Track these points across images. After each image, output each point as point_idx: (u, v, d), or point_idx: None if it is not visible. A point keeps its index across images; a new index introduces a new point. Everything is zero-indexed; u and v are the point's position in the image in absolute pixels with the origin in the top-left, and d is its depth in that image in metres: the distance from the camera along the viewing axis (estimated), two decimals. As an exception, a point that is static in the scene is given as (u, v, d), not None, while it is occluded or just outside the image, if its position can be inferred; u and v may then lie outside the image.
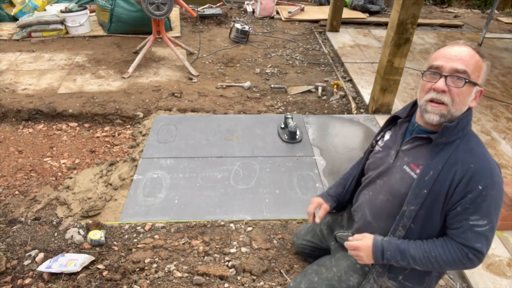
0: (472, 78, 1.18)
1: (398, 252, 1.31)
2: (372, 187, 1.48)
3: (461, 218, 1.23)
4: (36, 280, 1.84)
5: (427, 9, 7.01)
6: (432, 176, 1.23)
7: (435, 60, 1.23)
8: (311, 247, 1.90)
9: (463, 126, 1.24)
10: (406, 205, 1.29)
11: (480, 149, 1.26)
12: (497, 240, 2.15)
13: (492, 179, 1.20)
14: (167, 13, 3.81)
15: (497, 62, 4.61)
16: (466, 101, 1.21)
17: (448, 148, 1.24)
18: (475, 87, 1.20)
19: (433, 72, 1.22)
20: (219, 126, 3.19)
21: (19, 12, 5.12)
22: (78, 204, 2.46)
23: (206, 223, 2.23)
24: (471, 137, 1.27)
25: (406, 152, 1.35)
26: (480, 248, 1.22)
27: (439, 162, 1.23)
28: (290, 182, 2.61)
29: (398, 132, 1.42)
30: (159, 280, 1.85)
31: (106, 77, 3.95)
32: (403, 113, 1.43)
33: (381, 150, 1.48)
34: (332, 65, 4.49)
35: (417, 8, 2.80)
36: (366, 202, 1.49)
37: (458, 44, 1.23)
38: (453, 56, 1.19)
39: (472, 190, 1.19)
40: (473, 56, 1.19)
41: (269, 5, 5.95)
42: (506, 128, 3.26)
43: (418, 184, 1.26)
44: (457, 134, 1.24)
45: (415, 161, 1.31)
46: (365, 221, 1.49)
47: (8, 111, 3.32)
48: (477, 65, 1.19)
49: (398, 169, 1.36)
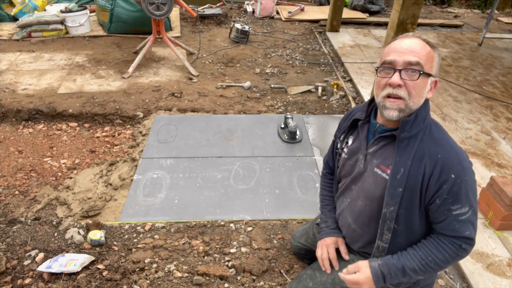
0: (426, 69, 1.18)
1: (397, 271, 1.29)
2: (349, 194, 1.46)
3: (443, 210, 1.22)
4: (36, 280, 1.84)
5: (427, 9, 7.01)
6: (403, 174, 1.22)
7: (387, 55, 1.22)
8: (305, 250, 1.90)
9: (423, 118, 1.23)
10: (385, 207, 1.28)
11: (444, 137, 1.25)
12: (497, 240, 2.15)
13: (462, 165, 1.19)
14: (167, 13, 3.81)
15: (497, 62, 4.61)
16: (423, 93, 1.21)
17: (413, 142, 1.23)
18: (429, 78, 1.20)
19: (386, 67, 1.21)
20: (219, 126, 3.19)
21: (19, 12, 5.12)
22: (78, 204, 2.46)
23: (206, 223, 2.23)
24: (432, 127, 1.26)
25: (373, 154, 1.33)
26: (470, 235, 1.22)
27: (407, 158, 1.22)
28: (290, 182, 2.61)
29: (361, 135, 1.39)
30: (159, 280, 1.85)
31: (106, 77, 3.95)
32: (361, 114, 1.40)
33: (347, 158, 1.45)
34: (332, 65, 4.49)
35: (417, 8, 2.81)
36: (346, 209, 1.48)
37: (408, 36, 1.22)
38: (404, 49, 1.18)
39: (446, 181, 1.19)
40: (424, 47, 1.19)
41: (269, 5, 5.95)
42: (506, 128, 3.26)
43: (392, 183, 1.24)
44: (418, 127, 1.23)
45: (384, 161, 1.29)
46: (349, 228, 1.48)
47: (8, 111, 3.32)
48: (429, 55, 1.19)
49: (370, 172, 1.34)
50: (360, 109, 1.43)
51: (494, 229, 2.20)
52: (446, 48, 5.01)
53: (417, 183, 1.22)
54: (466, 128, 3.22)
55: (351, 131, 1.46)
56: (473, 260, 2.03)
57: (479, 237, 2.17)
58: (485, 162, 2.80)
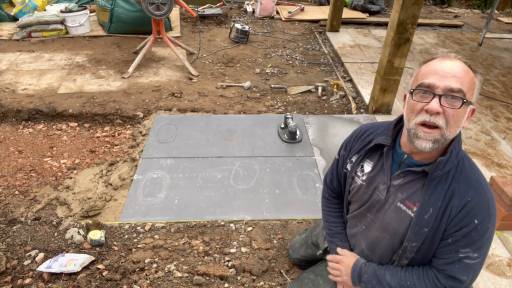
0: (468, 97, 1.05)
1: (374, 277, 1.28)
2: (364, 221, 1.38)
3: (450, 250, 1.16)
4: (36, 280, 1.84)
5: (427, 9, 7.02)
6: (432, 214, 1.15)
7: (425, 77, 1.09)
8: (306, 261, 1.87)
9: (456, 153, 1.14)
10: (407, 241, 1.21)
11: (475, 176, 1.16)
12: (497, 240, 2.15)
13: (489, 212, 1.12)
14: (167, 13, 3.81)
15: (497, 62, 4.61)
16: (461, 122, 1.09)
17: (444, 181, 1.14)
18: (469, 106, 1.08)
19: (424, 90, 1.07)
20: (219, 126, 3.19)
21: (19, 12, 5.12)
22: (78, 204, 2.46)
23: (206, 223, 2.23)
24: (465, 162, 1.17)
25: (398, 188, 1.22)
26: (464, 281, 1.16)
27: (437, 198, 1.14)
28: (290, 182, 2.61)
29: (385, 165, 1.26)
30: (159, 280, 1.85)
31: (106, 77, 3.95)
32: (386, 139, 1.25)
33: (364, 185, 1.32)
34: (332, 65, 4.49)
35: (417, 8, 2.80)
36: (361, 235, 1.41)
37: (450, 58, 1.09)
38: (446, 73, 1.05)
39: (468, 225, 1.12)
40: (467, 72, 1.07)
41: (269, 5, 5.95)
42: (506, 128, 3.26)
43: (418, 223, 1.17)
44: (452, 163, 1.13)
45: (410, 198, 1.19)
46: (362, 253, 1.43)
47: (8, 111, 3.32)
48: (472, 82, 1.07)
49: (392, 206, 1.24)
50: (382, 132, 1.29)
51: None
52: (446, 48, 5.01)
53: (442, 224, 1.16)
54: (466, 128, 3.22)
55: (369, 155, 1.33)
56: (473, 260, 2.03)
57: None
58: (485, 162, 2.80)
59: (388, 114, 3.37)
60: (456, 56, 1.11)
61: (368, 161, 1.32)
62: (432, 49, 4.93)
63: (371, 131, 1.35)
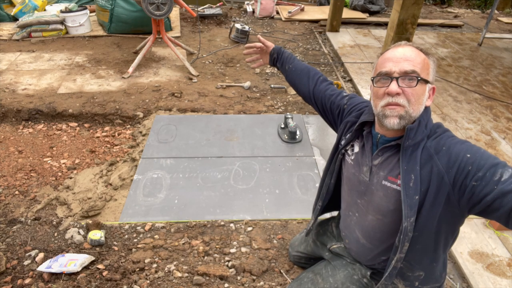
0: (423, 76, 1.16)
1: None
2: (356, 208, 1.41)
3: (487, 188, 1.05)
4: (36, 280, 1.84)
5: (427, 9, 7.02)
6: (415, 180, 1.16)
7: (382, 66, 1.20)
8: (305, 258, 1.88)
9: (425, 124, 1.20)
10: (405, 219, 1.19)
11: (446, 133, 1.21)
12: (497, 240, 2.15)
13: (468, 144, 1.15)
14: (167, 13, 3.81)
15: (497, 62, 4.61)
16: (422, 100, 1.18)
17: (418, 149, 1.19)
18: (427, 85, 1.18)
19: (383, 77, 1.19)
20: (219, 126, 3.19)
21: (19, 12, 5.12)
22: (78, 204, 2.46)
23: (206, 223, 2.23)
24: (436, 130, 1.22)
25: (379, 167, 1.28)
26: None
27: (414, 163, 1.18)
28: (290, 182, 2.61)
29: (366, 146, 1.33)
30: (159, 280, 1.85)
31: (106, 77, 3.95)
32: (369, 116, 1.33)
33: (352, 164, 1.39)
34: (332, 65, 4.49)
35: (417, 8, 2.80)
36: (355, 224, 1.43)
37: (400, 45, 1.21)
38: (399, 58, 1.17)
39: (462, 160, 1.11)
40: (418, 54, 1.18)
41: (269, 5, 5.95)
42: (506, 128, 3.26)
43: (407, 193, 1.17)
44: (422, 133, 1.19)
45: (391, 172, 1.24)
46: (357, 243, 1.44)
47: (8, 111, 3.32)
48: (424, 62, 1.17)
49: (378, 186, 1.29)
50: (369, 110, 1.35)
51: (494, 229, 2.20)
52: (446, 48, 5.01)
53: (432, 184, 1.15)
54: (466, 128, 3.22)
55: (357, 135, 1.39)
56: (473, 260, 2.03)
57: (479, 237, 2.17)
58: (485, 162, 2.80)
59: (388, 114, 3.36)
60: (407, 43, 1.22)
61: (358, 141, 1.39)
62: (432, 49, 4.93)
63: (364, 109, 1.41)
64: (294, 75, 1.70)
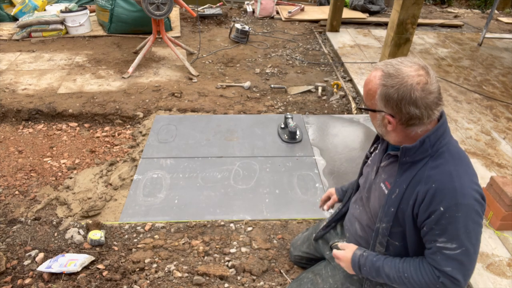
0: (367, 105, 1.23)
1: (373, 269, 1.30)
2: (361, 203, 1.48)
3: (429, 239, 1.18)
4: (36, 280, 1.84)
5: (427, 9, 7.02)
6: (398, 195, 1.22)
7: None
8: (307, 258, 1.88)
9: (431, 144, 1.16)
10: (378, 222, 1.29)
11: (449, 167, 1.15)
12: (497, 240, 2.15)
13: (457, 201, 1.11)
14: (167, 13, 3.81)
15: (497, 62, 4.61)
16: (376, 125, 1.25)
17: (414, 166, 1.19)
18: (378, 113, 1.20)
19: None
20: (219, 126, 3.19)
21: (19, 12, 5.12)
22: (78, 204, 2.46)
23: (206, 223, 2.23)
24: (445, 154, 1.17)
25: (383, 169, 1.35)
26: (451, 273, 1.14)
27: (404, 180, 1.21)
28: (290, 182, 2.61)
29: (381, 147, 1.41)
30: (159, 280, 1.85)
31: (106, 77, 3.95)
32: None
33: (370, 164, 1.47)
34: (332, 65, 4.49)
35: (417, 8, 2.81)
36: (357, 217, 1.49)
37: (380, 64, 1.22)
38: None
39: (434, 212, 1.13)
40: (370, 81, 1.20)
41: (269, 5, 5.95)
42: (506, 128, 3.26)
43: (387, 202, 1.25)
44: (424, 153, 1.17)
45: (389, 178, 1.29)
46: (356, 235, 1.49)
47: (8, 111, 3.32)
48: (368, 93, 1.20)
49: (377, 186, 1.35)
50: None
51: (494, 229, 2.20)
52: (446, 48, 5.01)
53: (408, 207, 1.20)
54: (466, 128, 3.22)
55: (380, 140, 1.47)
56: (473, 260, 2.03)
57: (479, 237, 2.17)
58: (485, 162, 2.80)
59: (388, 114, 3.36)
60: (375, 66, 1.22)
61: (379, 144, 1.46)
62: (432, 49, 4.93)
63: None
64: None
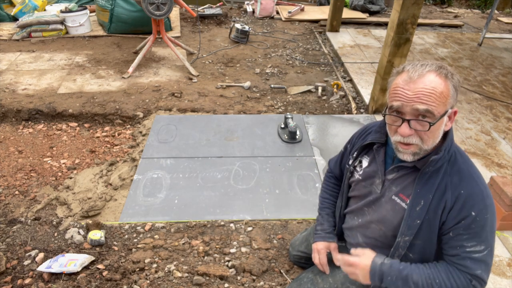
0: (438, 113, 1.07)
1: (399, 279, 1.21)
2: (361, 215, 1.41)
3: (455, 245, 1.17)
4: (36, 280, 1.84)
5: (427, 9, 7.02)
6: (423, 206, 1.18)
7: (393, 98, 1.11)
8: (305, 257, 1.87)
9: (447, 150, 1.17)
10: (400, 236, 1.23)
11: (468, 169, 1.18)
12: (497, 240, 2.15)
13: (485, 202, 1.14)
14: (167, 13, 3.81)
15: (497, 62, 4.61)
16: (438, 133, 1.13)
17: (436, 174, 1.17)
18: (444, 117, 1.10)
19: (394, 115, 1.12)
20: (219, 126, 3.19)
21: (19, 12, 5.12)
22: (78, 204, 2.46)
23: (206, 223, 2.23)
24: (457, 156, 1.19)
25: (393, 182, 1.27)
26: (481, 275, 1.16)
27: (428, 190, 1.17)
28: (290, 182, 2.61)
29: (377, 159, 1.32)
30: (159, 280, 1.85)
31: (106, 77, 3.95)
32: (378, 137, 1.32)
33: (361, 179, 1.38)
34: (332, 65, 4.49)
35: (417, 8, 2.80)
36: (356, 229, 1.45)
37: (417, 71, 1.08)
38: (412, 97, 1.06)
39: (466, 217, 1.13)
40: (435, 87, 1.06)
41: (269, 5, 5.95)
42: (506, 128, 3.26)
43: (410, 215, 1.20)
44: (443, 160, 1.17)
45: (404, 190, 1.24)
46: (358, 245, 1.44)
47: (8, 111, 3.32)
48: (441, 95, 1.06)
49: (387, 199, 1.29)
50: (375, 130, 1.35)
51: (494, 229, 2.20)
52: (446, 48, 5.01)
53: (436, 217, 1.17)
54: (466, 128, 3.22)
55: (366, 151, 1.39)
56: (473, 260, 2.03)
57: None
58: (485, 162, 2.80)
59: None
60: (424, 64, 1.09)
61: (366, 156, 1.39)
62: (432, 49, 4.93)
63: (371, 129, 1.41)
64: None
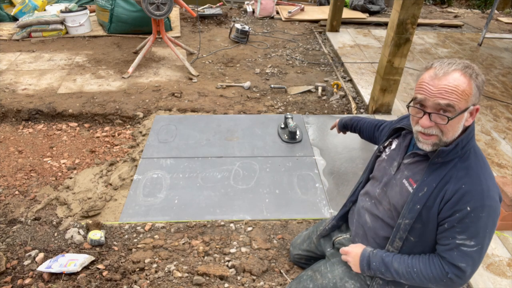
0: (459, 108, 1.13)
1: (382, 265, 1.34)
2: (374, 196, 1.48)
3: (447, 235, 1.22)
4: (36, 280, 1.84)
5: (427, 9, 7.02)
6: (425, 193, 1.24)
7: (418, 91, 1.19)
8: (306, 257, 1.88)
9: (462, 146, 1.21)
10: (401, 218, 1.30)
11: (477, 169, 1.21)
12: (497, 240, 2.15)
13: (483, 202, 1.16)
14: (167, 13, 3.81)
15: (497, 62, 4.61)
16: (457, 127, 1.18)
17: (445, 167, 1.23)
18: (465, 112, 1.16)
19: (417, 107, 1.20)
20: (219, 126, 3.19)
21: (19, 12, 5.12)
22: (78, 204, 2.46)
23: (206, 223, 2.23)
24: (471, 155, 1.24)
25: (407, 166, 1.35)
26: (464, 268, 1.20)
27: (433, 180, 1.23)
28: (290, 182, 2.61)
29: (402, 144, 1.42)
30: (159, 280, 1.85)
31: (106, 77, 3.95)
32: (410, 125, 1.37)
33: (386, 159, 1.48)
34: (332, 65, 4.49)
35: (417, 8, 2.80)
36: (367, 209, 1.50)
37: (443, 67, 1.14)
38: (435, 93, 1.13)
39: (460, 210, 1.18)
40: (458, 85, 1.12)
41: (269, 5, 5.95)
42: (506, 128, 3.26)
43: (412, 199, 1.26)
44: (455, 154, 1.22)
45: (414, 176, 1.31)
46: (366, 225, 1.49)
47: (8, 111, 3.32)
48: (465, 93, 1.12)
49: (398, 181, 1.36)
50: (409, 118, 1.42)
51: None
52: (446, 48, 5.01)
53: (435, 205, 1.22)
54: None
55: (397, 135, 1.49)
56: (473, 260, 2.03)
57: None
58: (485, 162, 2.80)
59: (388, 114, 3.37)
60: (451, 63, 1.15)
61: (396, 140, 1.49)
62: (432, 49, 4.93)
63: (406, 117, 1.49)
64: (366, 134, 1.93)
